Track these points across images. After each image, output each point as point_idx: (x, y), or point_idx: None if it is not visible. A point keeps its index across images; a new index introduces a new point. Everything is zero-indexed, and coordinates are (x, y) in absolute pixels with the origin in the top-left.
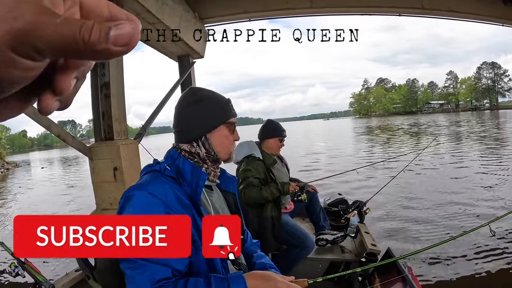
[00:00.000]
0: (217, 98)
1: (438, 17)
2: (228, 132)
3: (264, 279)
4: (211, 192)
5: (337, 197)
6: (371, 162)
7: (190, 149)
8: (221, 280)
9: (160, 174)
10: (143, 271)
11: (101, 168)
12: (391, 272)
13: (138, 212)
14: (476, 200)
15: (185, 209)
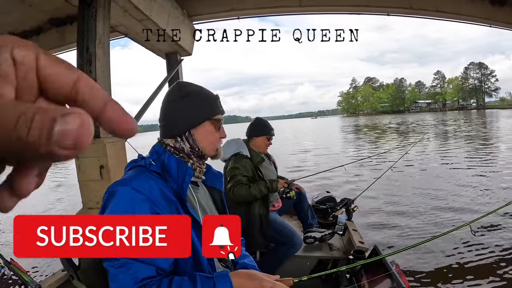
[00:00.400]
0: (205, 93)
1: (426, 17)
2: (213, 128)
3: (250, 278)
4: (197, 188)
5: (325, 194)
6: (359, 159)
7: (174, 144)
8: (207, 279)
9: (145, 170)
10: (127, 269)
11: (87, 166)
12: (378, 269)
13: (122, 208)
14: (461, 197)
15: (170, 205)
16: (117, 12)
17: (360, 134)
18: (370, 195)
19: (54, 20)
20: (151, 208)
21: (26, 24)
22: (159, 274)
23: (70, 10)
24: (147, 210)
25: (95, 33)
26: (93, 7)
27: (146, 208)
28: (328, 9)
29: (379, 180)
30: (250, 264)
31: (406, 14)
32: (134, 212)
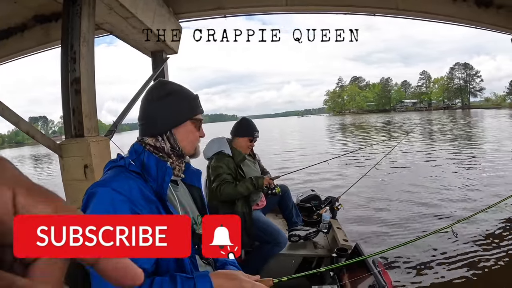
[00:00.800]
0: (185, 93)
1: (412, 18)
2: (194, 128)
3: (230, 278)
4: (177, 187)
5: (310, 193)
6: (341, 154)
7: (155, 143)
8: (187, 279)
9: (124, 170)
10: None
11: (71, 165)
12: (360, 267)
13: (102, 209)
14: (444, 195)
15: (150, 205)
16: (102, 9)
17: (346, 133)
18: (355, 193)
19: (39, 17)
20: (131, 209)
21: (10, 20)
22: None
23: (55, 7)
24: (127, 211)
25: (79, 30)
26: (78, 4)
27: (126, 208)
28: (315, 8)
29: (364, 179)
30: (230, 261)
31: (392, 15)
32: (115, 213)
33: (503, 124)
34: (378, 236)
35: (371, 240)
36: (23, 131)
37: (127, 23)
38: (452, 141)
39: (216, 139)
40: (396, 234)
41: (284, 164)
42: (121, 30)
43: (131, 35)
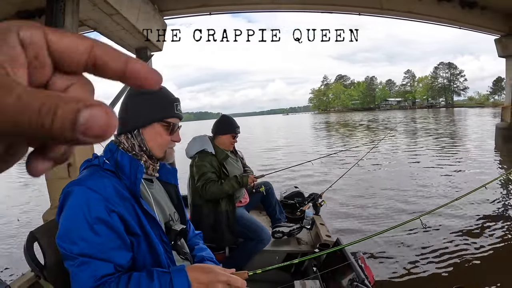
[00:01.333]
0: (161, 95)
1: (397, 18)
2: (163, 131)
3: (205, 271)
4: (151, 184)
5: (293, 190)
6: (325, 155)
7: (126, 140)
8: (164, 273)
9: (99, 169)
10: (86, 268)
11: None
12: (340, 261)
13: (78, 206)
14: (422, 191)
15: (125, 202)
16: (86, 6)
17: (331, 131)
18: (338, 189)
19: (22, 12)
20: (106, 206)
21: None
22: (117, 271)
23: (39, 3)
24: (102, 209)
25: (63, 26)
26: (62, 0)
27: (101, 206)
28: (300, 7)
29: (347, 175)
30: (207, 256)
31: (377, 14)
32: (90, 211)
33: (487, 122)
34: (360, 231)
35: (354, 235)
36: None
37: (111, 19)
38: (435, 139)
39: (198, 137)
40: (377, 229)
41: (269, 161)
42: (105, 26)
43: (115, 32)
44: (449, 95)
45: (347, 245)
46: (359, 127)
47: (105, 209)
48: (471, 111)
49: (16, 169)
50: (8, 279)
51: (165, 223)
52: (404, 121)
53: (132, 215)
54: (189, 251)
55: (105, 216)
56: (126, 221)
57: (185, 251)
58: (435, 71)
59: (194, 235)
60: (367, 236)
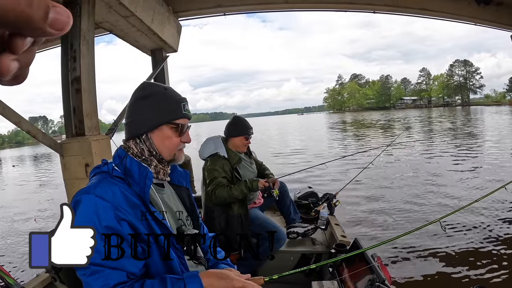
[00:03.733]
0: (167, 96)
1: (412, 15)
2: (171, 133)
3: (220, 277)
4: (162, 189)
5: (307, 190)
6: (344, 156)
7: (135, 145)
8: (177, 280)
9: (107, 176)
10: (97, 277)
11: (72, 164)
12: (359, 262)
13: (87, 215)
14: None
15: (134, 209)
16: (102, 8)
17: (348, 131)
18: (352, 189)
19: None
20: (116, 215)
21: None
22: (130, 279)
23: None
24: (111, 217)
25: (79, 29)
26: (77, 3)
27: (111, 215)
28: (314, 6)
29: (362, 175)
30: (222, 260)
31: (391, 12)
32: (99, 220)
33: (505, 120)
34: (375, 232)
35: (368, 236)
36: (24, 131)
37: (126, 21)
38: (452, 138)
39: (211, 138)
40: (393, 229)
41: (284, 162)
42: (120, 29)
43: (131, 34)
44: (465, 93)
45: (368, 248)
46: (376, 127)
47: (114, 217)
48: (488, 109)
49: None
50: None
51: (177, 228)
52: (420, 120)
53: (142, 222)
54: (203, 255)
55: (115, 224)
56: (137, 229)
57: (198, 255)
58: (450, 68)
59: (208, 238)
60: (390, 238)
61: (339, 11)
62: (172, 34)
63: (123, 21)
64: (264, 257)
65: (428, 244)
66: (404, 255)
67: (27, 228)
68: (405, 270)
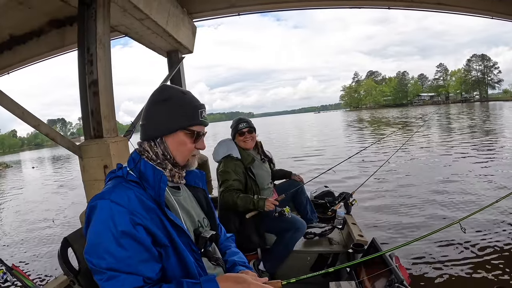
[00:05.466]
0: (185, 101)
1: (428, 10)
2: (187, 139)
3: (237, 281)
4: (178, 192)
5: (323, 189)
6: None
7: (150, 148)
8: (194, 284)
9: (122, 180)
10: (114, 282)
11: (91, 166)
12: (377, 262)
13: (103, 221)
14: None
15: (150, 213)
16: (117, 11)
17: (367, 129)
18: (369, 188)
19: (54, 21)
20: (131, 219)
21: (26, 26)
22: (146, 283)
23: (70, 11)
24: (127, 222)
25: (95, 33)
26: (93, 7)
27: (126, 219)
28: (329, 3)
29: (379, 173)
30: (240, 261)
31: (406, 7)
32: (115, 225)
33: None
34: (392, 231)
35: (385, 236)
36: (43, 134)
37: (141, 24)
38: (472, 135)
39: (224, 141)
40: (410, 228)
41: (303, 163)
42: (136, 31)
43: (146, 36)
44: (483, 88)
45: (387, 251)
46: (397, 124)
47: (130, 222)
48: (508, 105)
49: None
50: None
51: (194, 230)
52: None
53: (158, 226)
54: (220, 256)
55: (130, 229)
56: (153, 233)
57: (216, 256)
58: (468, 63)
59: (225, 239)
60: (408, 241)
61: (354, 7)
62: (187, 36)
63: (138, 23)
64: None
65: (447, 244)
66: (421, 255)
67: (45, 229)
68: (422, 270)
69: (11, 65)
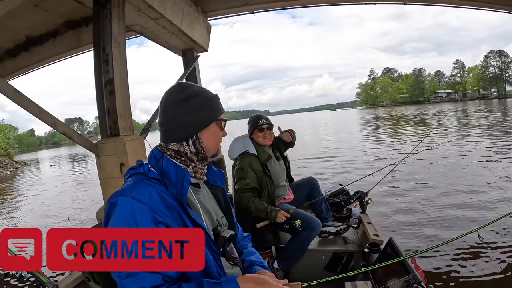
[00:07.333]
0: (207, 94)
1: (444, 5)
2: (218, 129)
3: (258, 282)
4: (198, 190)
5: (338, 188)
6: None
7: (178, 148)
8: (214, 285)
9: (143, 177)
10: (133, 280)
11: (107, 164)
12: (394, 264)
13: (124, 218)
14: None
15: (171, 211)
16: (131, 11)
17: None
18: (385, 187)
19: (70, 22)
20: (152, 217)
21: (42, 27)
22: (166, 282)
23: (85, 12)
24: (148, 219)
25: (110, 33)
26: (108, 8)
27: (148, 217)
28: (344, 0)
29: (397, 172)
30: (257, 261)
31: (422, 3)
32: (136, 222)
33: None
34: (408, 233)
35: (401, 235)
36: (60, 132)
37: (156, 23)
38: (492, 135)
39: (238, 138)
40: (425, 227)
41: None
42: (151, 31)
43: (161, 35)
44: (501, 85)
45: (406, 257)
46: (419, 122)
47: (151, 219)
48: None
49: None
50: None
51: (213, 229)
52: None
53: (179, 224)
54: (238, 256)
55: (151, 227)
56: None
57: (234, 256)
58: (485, 59)
59: (242, 238)
60: (426, 248)
61: (369, 3)
62: (202, 34)
63: (153, 23)
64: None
65: (462, 247)
66: (434, 255)
67: (60, 226)
68: (436, 271)
69: (28, 65)
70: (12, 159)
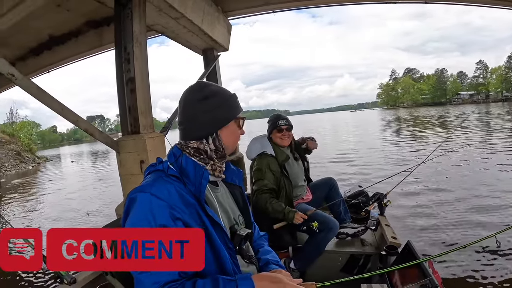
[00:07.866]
0: (226, 93)
1: (466, 4)
2: (236, 127)
3: (273, 281)
4: (216, 188)
5: (357, 189)
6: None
7: (198, 146)
8: (229, 281)
9: (163, 174)
10: (149, 274)
11: (128, 161)
12: (411, 267)
13: (142, 214)
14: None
15: (189, 208)
16: (152, 11)
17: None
18: (404, 189)
19: (91, 22)
20: (171, 214)
21: (64, 27)
22: (181, 277)
23: (106, 12)
24: (166, 216)
25: (131, 32)
26: (129, 7)
27: (166, 213)
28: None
29: (416, 174)
30: (273, 260)
31: (443, 2)
32: (154, 218)
33: None
34: (423, 234)
35: (417, 238)
36: (82, 129)
37: (177, 23)
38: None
39: (256, 138)
40: (442, 231)
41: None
42: (172, 30)
43: (182, 35)
44: None
45: (423, 260)
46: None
47: (169, 216)
48: None
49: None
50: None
51: (230, 227)
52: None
53: (197, 221)
54: (253, 254)
55: (169, 223)
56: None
57: (250, 254)
58: (509, 60)
59: (258, 237)
60: (442, 252)
61: (390, 2)
62: (223, 34)
63: (174, 22)
64: (320, 248)
65: (480, 256)
66: (453, 264)
67: (80, 220)
68: (453, 276)
69: (51, 64)
70: (35, 154)
